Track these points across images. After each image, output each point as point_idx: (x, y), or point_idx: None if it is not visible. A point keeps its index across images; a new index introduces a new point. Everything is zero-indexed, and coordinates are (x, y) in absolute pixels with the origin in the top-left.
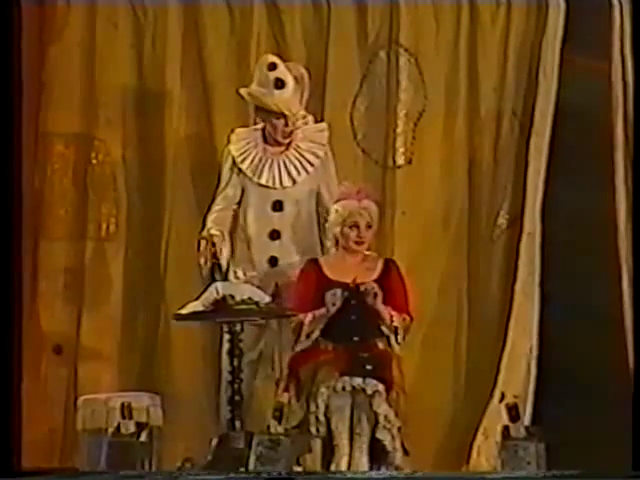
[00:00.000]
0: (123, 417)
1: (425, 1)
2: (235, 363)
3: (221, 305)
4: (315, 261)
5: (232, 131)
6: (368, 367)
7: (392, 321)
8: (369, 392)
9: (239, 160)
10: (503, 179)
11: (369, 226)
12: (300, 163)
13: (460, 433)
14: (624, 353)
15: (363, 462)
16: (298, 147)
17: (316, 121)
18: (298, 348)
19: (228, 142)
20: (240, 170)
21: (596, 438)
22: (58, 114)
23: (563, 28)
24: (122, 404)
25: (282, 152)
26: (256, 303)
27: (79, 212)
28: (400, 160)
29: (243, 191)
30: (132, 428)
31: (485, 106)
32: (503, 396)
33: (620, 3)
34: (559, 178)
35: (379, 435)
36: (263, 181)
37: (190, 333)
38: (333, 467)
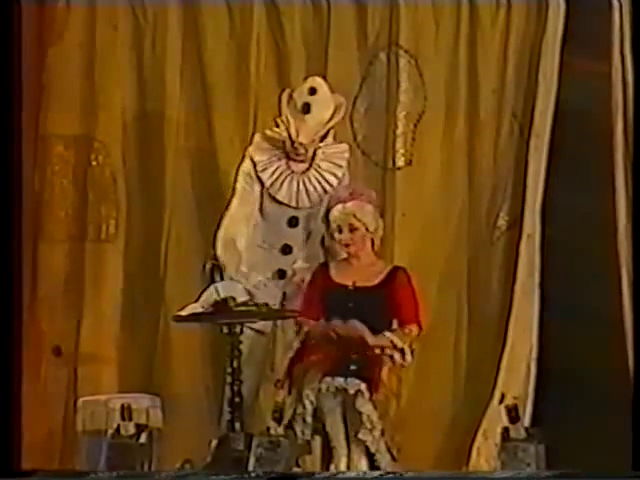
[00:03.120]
0: (123, 419)
1: (425, 2)
2: (235, 364)
3: (221, 306)
4: (325, 264)
5: (253, 134)
6: (352, 367)
7: (395, 346)
8: (351, 392)
9: (260, 168)
10: (503, 180)
11: (353, 228)
12: (320, 184)
13: (460, 434)
14: (624, 354)
15: (362, 463)
16: (319, 167)
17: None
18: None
19: (250, 143)
20: (260, 179)
21: (596, 438)
22: (58, 116)
23: (563, 29)
24: (122, 405)
25: (304, 172)
26: (256, 304)
27: (79, 214)
28: (400, 161)
29: (261, 200)
30: (132, 430)
31: (485, 107)
32: (503, 397)
33: (620, 4)
34: (559, 179)
35: (361, 436)
36: (280, 197)
37: (190, 334)
38: (332, 468)
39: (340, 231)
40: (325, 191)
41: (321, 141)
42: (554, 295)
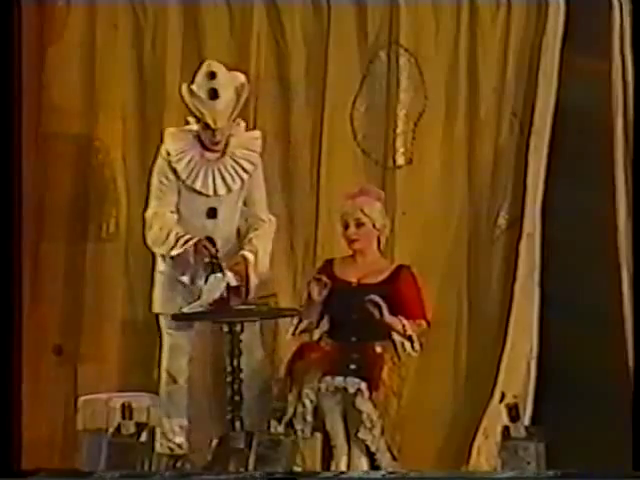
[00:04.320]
0: (123, 417)
1: (425, 1)
2: (235, 363)
3: (221, 305)
4: (331, 261)
5: (163, 130)
6: (352, 367)
7: (405, 330)
8: (351, 391)
9: (175, 159)
10: (503, 179)
11: (360, 223)
12: (235, 171)
13: (460, 433)
14: (624, 353)
15: (362, 462)
16: (233, 154)
17: (250, 126)
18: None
19: (161, 141)
20: (175, 171)
21: (596, 438)
22: (58, 115)
23: (563, 28)
24: (122, 404)
25: (218, 159)
26: (256, 304)
27: (79, 213)
28: (400, 160)
29: (179, 192)
30: (132, 428)
31: (485, 106)
32: (503, 396)
33: (620, 3)
34: (559, 178)
35: (361, 435)
36: (197, 186)
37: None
38: (333, 467)
39: (347, 227)
40: (241, 178)
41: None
42: (554, 294)
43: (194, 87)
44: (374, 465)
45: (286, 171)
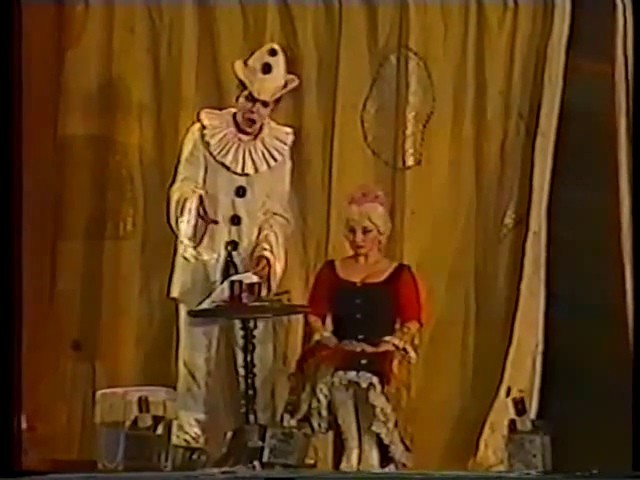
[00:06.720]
0: (140, 411)
1: (434, 5)
2: (248, 358)
3: (235, 302)
4: (332, 262)
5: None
6: (363, 361)
7: (397, 347)
8: (364, 385)
9: (209, 134)
10: (509, 179)
11: (367, 230)
12: (264, 156)
13: (468, 427)
14: (627, 350)
15: (373, 456)
16: (264, 140)
17: (285, 124)
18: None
19: (198, 119)
20: (208, 145)
21: (596, 437)
22: (76, 117)
23: (568, 31)
24: (139, 398)
25: (250, 141)
26: (270, 300)
27: (97, 212)
28: (409, 161)
29: (206, 171)
30: (149, 421)
31: (492, 108)
32: (510, 391)
33: (624, 4)
34: (564, 178)
35: (375, 428)
36: (227, 161)
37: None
38: (344, 461)
39: (353, 232)
40: (268, 164)
41: (277, 101)
42: (559, 291)
43: (250, 61)
44: (387, 457)
45: (298, 172)
